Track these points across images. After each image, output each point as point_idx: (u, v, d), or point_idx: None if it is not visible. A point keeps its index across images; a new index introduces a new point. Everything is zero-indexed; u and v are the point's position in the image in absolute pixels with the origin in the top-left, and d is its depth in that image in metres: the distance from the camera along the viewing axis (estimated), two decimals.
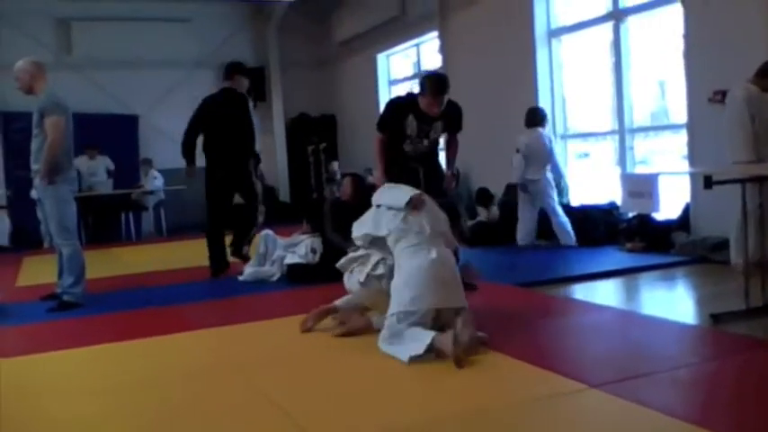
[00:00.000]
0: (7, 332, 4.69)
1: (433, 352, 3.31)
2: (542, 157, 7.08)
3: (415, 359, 3.29)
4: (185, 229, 11.90)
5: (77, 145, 5.71)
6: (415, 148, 4.96)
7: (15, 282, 7.10)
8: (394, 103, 5.08)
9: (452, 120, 4.99)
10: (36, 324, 4.88)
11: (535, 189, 7.09)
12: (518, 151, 7.10)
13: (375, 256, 3.89)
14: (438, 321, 3.54)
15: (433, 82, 4.77)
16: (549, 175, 7.16)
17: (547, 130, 7.38)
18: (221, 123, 6.46)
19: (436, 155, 5.19)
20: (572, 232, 7.02)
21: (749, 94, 5.03)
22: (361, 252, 4.00)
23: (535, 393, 2.89)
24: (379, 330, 3.66)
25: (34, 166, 5.32)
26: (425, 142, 4.95)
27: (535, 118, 7.22)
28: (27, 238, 10.62)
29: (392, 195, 3.96)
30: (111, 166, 11.31)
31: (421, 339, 3.35)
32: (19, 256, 9.14)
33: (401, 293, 3.54)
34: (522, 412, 2.71)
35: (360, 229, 3.98)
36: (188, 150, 6.53)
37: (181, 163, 6.64)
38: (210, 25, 13.03)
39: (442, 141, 5.25)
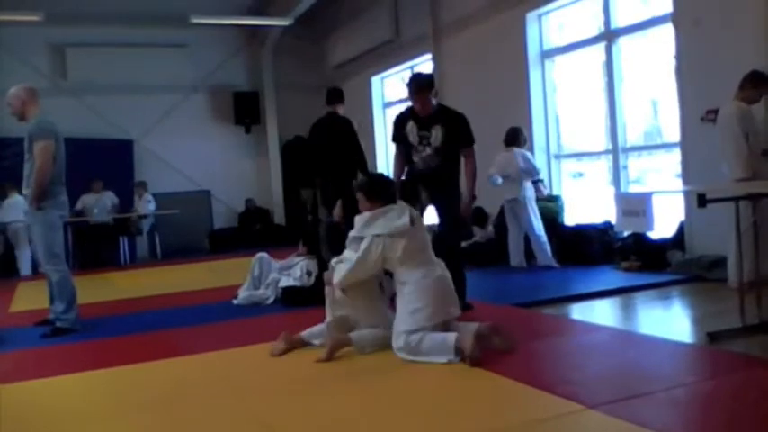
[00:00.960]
0: (1, 358, 4.64)
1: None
2: (514, 176, 7.11)
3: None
4: (179, 253, 11.90)
5: (73, 170, 5.70)
6: (422, 160, 5.04)
7: (9, 307, 7.05)
8: (398, 114, 5.28)
9: (455, 128, 5.02)
10: (30, 350, 4.84)
11: (514, 209, 7.14)
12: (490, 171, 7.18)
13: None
14: (438, 327, 3.81)
15: (412, 81, 5.05)
16: (529, 193, 7.16)
17: (526, 149, 7.42)
18: (331, 144, 6.47)
19: (449, 174, 5.12)
20: (549, 252, 7.03)
21: (740, 111, 5.08)
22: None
23: (534, 415, 2.86)
24: (359, 347, 3.88)
25: (25, 191, 5.31)
26: (429, 150, 5.00)
27: (510, 137, 7.31)
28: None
29: (387, 223, 3.88)
30: (116, 200, 11.35)
31: (445, 347, 3.63)
32: (13, 281, 9.09)
33: (419, 310, 3.75)
34: None
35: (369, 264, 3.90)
36: (318, 170, 6.54)
37: (176, 187, 6.62)
38: (205, 50, 13.11)
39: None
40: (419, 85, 4.98)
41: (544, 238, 7.08)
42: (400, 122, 5.15)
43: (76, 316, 5.36)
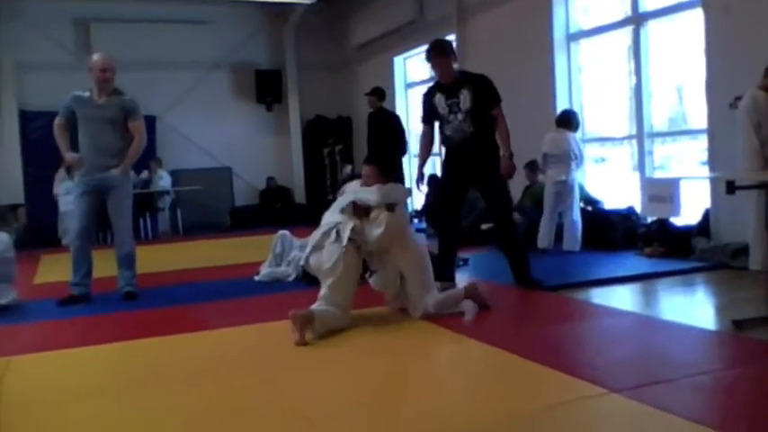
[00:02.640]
0: (25, 329, 4.71)
1: None
2: (564, 158, 6.98)
3: None
4: (200, 230, 12.00)
5: None
6: (454, 129, 5.06)
7: (33, 279, 7.14)
8: (424, 93, 5.34)
9: (481, 90, 5.02)
10: (55, 321, 4.90)
11: (560, 191, 7.02)
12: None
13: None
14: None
15: (432, 46, 5.11)
16: (574, 178, 7.04)
17: (576, 134, 7.24)
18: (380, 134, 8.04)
19: (485, 138, 5.11)
20: (579, 240, 6.97)
21: (754, 101, 5.12)
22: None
23: (557, 398, 2.86)
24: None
25: (112, 161, 5.43)
26: (459, 116, 5.01)
27: (563, 119, 7.17)
28: (44, 236, 10.75)
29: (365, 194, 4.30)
30: (136, 177, 11.38)
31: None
32: (36, 253, 9.20)
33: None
34: (544, 417, 2.68)
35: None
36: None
37: (197, 164, 6.70)
38: (228, 27, 13.09)
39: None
40: (438, 49, 5.04)
41: (580, 223, 7.01)
42: (428, 98, 5.19)
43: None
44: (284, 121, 13.84)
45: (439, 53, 5.02)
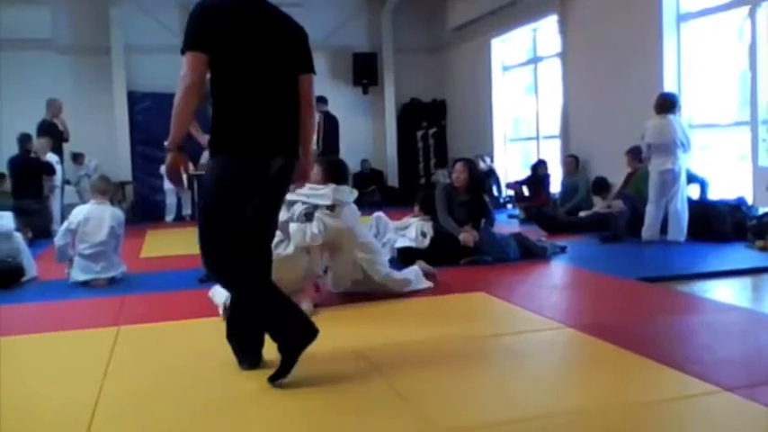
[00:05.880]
0: (133, 301, 4.88)
1: None
2: (670, 146, 6.63)
3: None
4: None
5: None
6: None
7: (139, 254, 7.44)
8: None
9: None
10: (161, 294, 5.06)
11: (666, 180, 6.69)
12: (643, 138, 6.80)
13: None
14: None
15: None
16: (680, 166, 6.67)
17: (679, 118, 6.86)
18: None
19: None
20: (685, 230, 6.66)
21: None
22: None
23: (665, 394, 2.75)
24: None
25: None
26: None
27: (665, 104, 6.73)
28: (149, 213, 11.24)
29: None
30: None
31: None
32: (142, 229, 9.59)
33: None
34: (652, 412, 2.57)
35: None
36: None
37: None
38: (324, 10, 13.16)
39: None
40: None
41: (686, 212, 6.70)
42: None
43: None
44: (379, 103, 13.87)
45: None
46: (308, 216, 4.34)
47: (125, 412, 2.73)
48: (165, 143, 2.91)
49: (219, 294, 4.06)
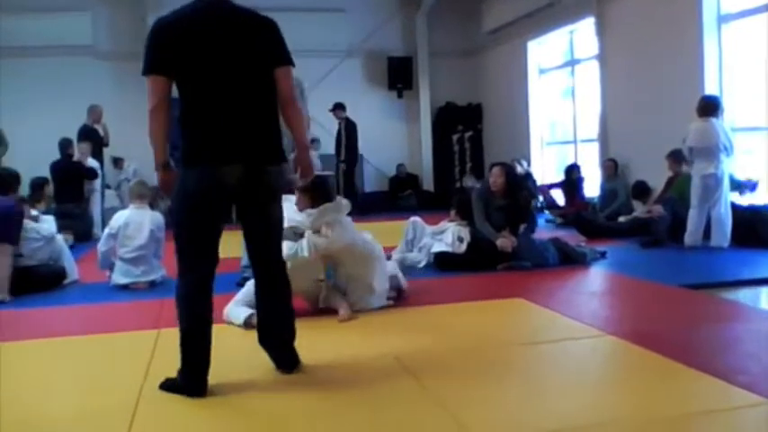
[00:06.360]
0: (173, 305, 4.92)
1: None
2: (713, 150, 6.46)
3: None
4: None
5: None
6: None
7: None
8: None
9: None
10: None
11: (708, 185, 6.53)
12: (684, 141, 6.67)
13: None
14: None
15: None
16: (723, 170, 6.50)
17: (722, 121, 6.69)
18: None
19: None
20: (728, 235, 6.51)
21: None
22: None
23: (710, 405, 2.69)
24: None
25: None
26: None
27: (707, 107, 6.58)
28: None
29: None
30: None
31: None
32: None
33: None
34: (696, 424, 2.52)
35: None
36: None
37: (328, 149, 6.76)
38: (362, 14, 13.22)
39: None
40: None
41: (730, 217, 6.54)
42: None
43: None
44: (415, 107, 13.87)
45: None
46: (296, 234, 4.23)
47: (165, 414, 2.75)
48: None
49: (236, 315, 4.06)
